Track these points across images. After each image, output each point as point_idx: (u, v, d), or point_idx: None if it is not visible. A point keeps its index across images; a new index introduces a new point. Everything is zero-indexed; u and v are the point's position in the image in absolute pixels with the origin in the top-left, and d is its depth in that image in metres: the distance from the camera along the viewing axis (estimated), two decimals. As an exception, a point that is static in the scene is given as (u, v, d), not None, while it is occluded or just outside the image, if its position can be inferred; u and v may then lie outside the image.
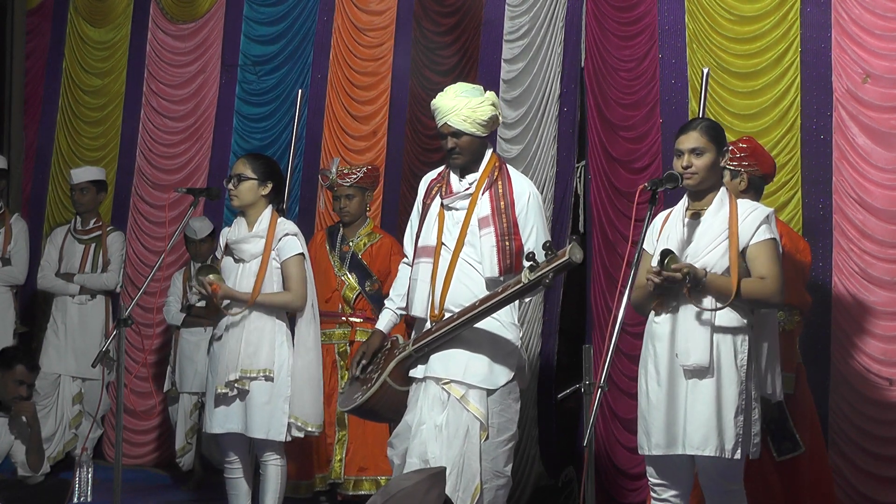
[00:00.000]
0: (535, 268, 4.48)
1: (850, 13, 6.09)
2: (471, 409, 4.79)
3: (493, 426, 4.83)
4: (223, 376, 5.57)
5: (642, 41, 6.79)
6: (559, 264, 4.43)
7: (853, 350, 5.98)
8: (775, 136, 6.30)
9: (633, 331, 5.94)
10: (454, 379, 4.81)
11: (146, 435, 8.54)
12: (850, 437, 5.97)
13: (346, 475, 6.69)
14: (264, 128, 8.36)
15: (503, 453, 4.87)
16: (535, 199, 4.97)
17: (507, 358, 4.87)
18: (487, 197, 4.91)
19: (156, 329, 8.33)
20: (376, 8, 7.97)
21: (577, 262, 4.43)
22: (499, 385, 4.85)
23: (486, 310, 4.70)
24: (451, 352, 4.84)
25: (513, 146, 7.18)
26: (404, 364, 4.93)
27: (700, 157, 4.55)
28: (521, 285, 4.55)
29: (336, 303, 6.82)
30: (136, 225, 8.85)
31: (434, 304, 4.88)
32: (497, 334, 4.85)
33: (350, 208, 6.85)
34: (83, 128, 9.28)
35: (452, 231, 4.93)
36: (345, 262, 6.86)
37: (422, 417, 4.84)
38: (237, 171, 5.68)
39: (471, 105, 4.90)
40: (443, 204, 4.98)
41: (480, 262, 4.86)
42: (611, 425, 6.74)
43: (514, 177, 5.00)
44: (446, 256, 4.90)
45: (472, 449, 4.77)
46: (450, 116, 4.90)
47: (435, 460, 4.71)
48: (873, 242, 5.99)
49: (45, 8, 9.57)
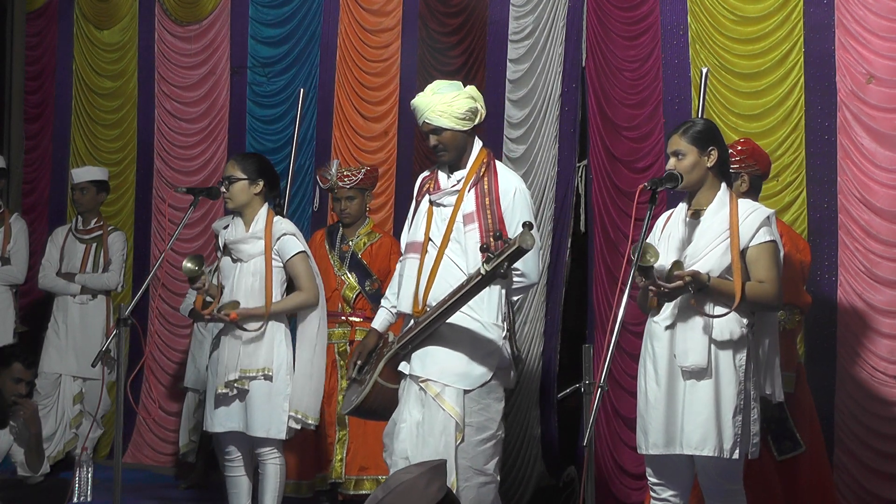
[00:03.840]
0: (491, 259, 4.47)
1: (853, 14, 6.08)
2: (446, 407, 4.79)
3: (470, 425, 4.81)
4: (223, 376, 5.58)
5: (646, 41, 6.79)
6: (510, 252, 4.42)
7: (859, 348, 5.98)
8: (780, 136, 6.29)
9: (635, 329, 5.93)
10: (430, 378, 4.82)
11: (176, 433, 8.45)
12: (855, 435, 5.96)
13: (346, 475, 6.68)
14: (276, 129, 8.38)
15: (482, 452, 4.84)
16: (522, 194, 4.95)
17: (487, 358, 4.85)
18: (473, 193, 4.90)
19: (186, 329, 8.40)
20: (382, 9, 7.97)
21: (527, 248, 4.40)
22: (476, 385, 4.83)
23: (453, 304, 4.68)
24: (430, 349, 4.84)
25: (518, 146, 7.20)
26: (393, 362, 4.93)
27: (682, 159, 4.60)
28: (480, 277, 4.54)
29: (336, 302, 6.81)
30: (158, 226, 8.87)
31: (418, 300, 4.88)
32: (477, 334, 4.84)
33: (351, 210, 6.86)
34: (100, 130, 9.32)
35: (440, 227, 4.93)
36: (344, 261, 6.87)
37: (402, 415, 4.86)
38: (227, 173, 5.70)
39: (445, 100, 4.91)
40: (431, 200, 4.98)
41: (465, 259, 4.85)
42: (614, 424, 6.74)
43: (500, 172, 4.98)
44: (432, 253, 4.91)
45: (447, 447, 4.76)
46: (427, 113, 4.92)
47: (413, 458, 4.73)
48: (878, 242, 5.98)
49: (50, 10, 9.59)
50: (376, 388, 4.92)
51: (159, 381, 8.51)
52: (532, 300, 7.03)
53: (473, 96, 4.98)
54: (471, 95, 4.97)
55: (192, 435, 7.77)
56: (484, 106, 5.04)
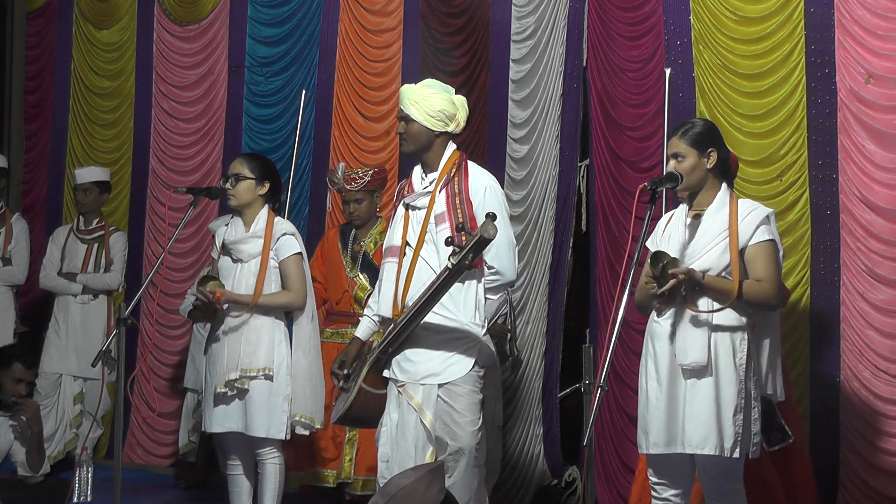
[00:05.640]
0: (456, 252, 4.47)
1: (852, 14, 6.09)
2: (414, 405, 4.80)
3: (457, 410, 4.78)
4: (223, 376, 5.57)
5: (649, 41, 6.79)
6: (474, 243, 4.42)
7: (862, 347, 5.99)
8: (783, 135, 6.30)
9: (640, 328, 5.91)
10: (407, 380, 4.84)
11: (173, 435, 8.45)
12: (860, 433, 5.97)
13: (355, 475, 6.67)
14: (273, 129, 8.36)
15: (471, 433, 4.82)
16: (493, 191, 4.93)
17: (467, 352, 4.84)
18: (444, 193, 4.91)
19: (180, 329, 8.43)
20: (384, 9, 7.96)
21: (489, 238, 4.39)
22: (454, 377, 4.81)
23: (426, 302, 4.67)
24: (408, 352, 4.85)
25: (522, 146, 7.19)
26: (377, 367, 4.93)
27: (681, 161, 4.61)
28: (448, 272, 4.53)
29: (348, 303, 6.81)
30: (153, 227, 8.85)
31: (397, 304, 4.88)
32: (456, 331, 4.83)
33: (360, 212, 6.86)
34: (97, 130, 9.29)
35: (416, 230, 4.93)
36: (356, 262, 6.86)
37: (384, 419, 4.90)
38: (234, 170, 5.69)
39: (424, 94, 4.92)
40: (406, 203, 5.00)
41: (437, 259, 4.82)
42: (619, 422, 6.74)
43: (472, 171, 4.97)
44: (409, 255, 4.91)
45: (419, 447, 4.78)
46: (403, 100, 4.96)
47: (391, 461, 4.78)
48: (880, 241, 5.98)
49: (50, 10, 9.58)
50: (361, 395, 4.90)
51: (148, 382, 8.49)
52: (534, 300, 7.03)
53: (455, 101, 4.96)
54: (451, 100, 4.95)
55: (192, 435, 7.76)
56: (465, 119, 5.00)
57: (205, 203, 8.31)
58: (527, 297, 7.02)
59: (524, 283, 7.02)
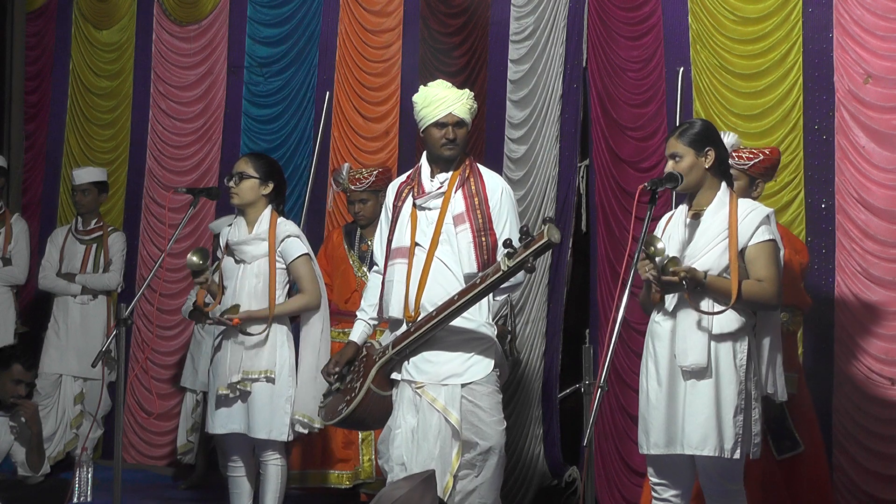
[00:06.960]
0: (514, 254, 4.46)
1: (851, 14, 6.09)
2: (438, 406, 4.80)
3: (483, 409, 4.82)
4: (225, 378, 5.57)
5: (649, 41, 6.79)
6: (538, 246, 4.43)
7: (856, 349, 5.98)
8: (779, 136, 6.30)
9: (640, 328, 5.93)
10: (426, 381, 4.83)
11: (169, 435, 8.46)
12: (853, 436, 5.96)
13: (377, 476, 6.64)
14: (272, 129, 8.36)
15: (501, 432, 4.87)
16: (508, 194, 4.99)
17: (485, 353, 4.87)
18: (461, 194, 4.92)
19: (174, 330, 8.43)
20: (383, 9, 7.96)
21: (556, 242, 4.42)
22: (476, 377, 4.84)
23: (466, 302, 4.69)
24: (425, 354, 4.85)
25: (519, 146, 7.19)
26: (385, 369, 4.93)
27: (679, 161, 4.62)
28: (501, 273, 4.54)
29: (356, 302, 6.79)
30: (148, 227, 8.84)
31: (409, 305, 4.87)
32: (474, 333, 4.86)
33: (365, 212, 6.87)
34: (94, 130, 9.29)
35: (427, 231, 4.93)
36: (364, 261, 6.87)
37: (397, 422, 4.87)
38: (239, 168, 5.69)
39: (468, 96, 4.98)
40: (415, 204, 4.98)
41: (456, 259, 4.86)
42: (620, 422, 6.73)
43: (485, 174, 5.02)
44: (421, 256, 4.91)
45: (442, 452, 4.77)
46: (457, 106, 4.94)
47: (408, 464, 4.76)
48: (875, 242, 5.98)
49: (49, 10, 9.58)
50: (368, 396, 4.89)
51: (142, 383, 8.49)
52: (534, 300, 7.04)
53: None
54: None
55: (190, 435, 7.77)
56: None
57: (202, 203, 8.30)
58: (526, 297, 7.02)
59: (524, 283, 7.02)
